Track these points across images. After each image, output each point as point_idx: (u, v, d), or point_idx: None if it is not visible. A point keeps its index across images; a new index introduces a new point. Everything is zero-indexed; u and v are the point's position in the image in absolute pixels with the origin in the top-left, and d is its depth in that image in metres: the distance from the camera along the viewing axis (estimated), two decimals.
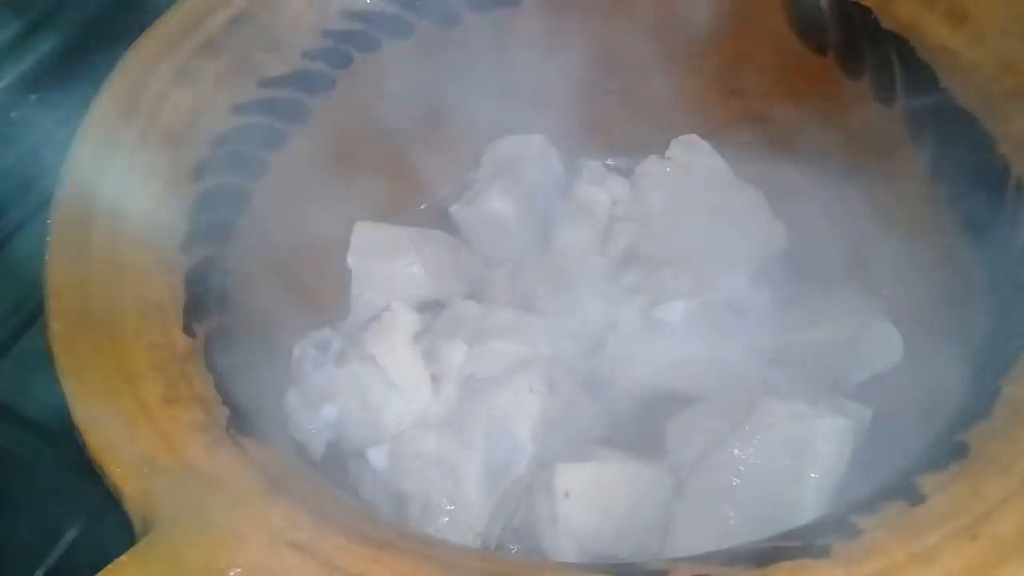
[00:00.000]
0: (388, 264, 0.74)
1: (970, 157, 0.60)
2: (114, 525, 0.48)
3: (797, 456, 0.58)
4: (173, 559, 0.40)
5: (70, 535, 0.63)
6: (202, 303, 0.55)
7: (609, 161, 0.81)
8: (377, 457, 0.61)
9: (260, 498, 0.45)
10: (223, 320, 0.57)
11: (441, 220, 0.79)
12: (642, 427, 0.69)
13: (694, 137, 0.77)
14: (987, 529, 0.42)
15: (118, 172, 0.57)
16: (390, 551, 0.43)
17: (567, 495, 0.58)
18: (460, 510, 0.60)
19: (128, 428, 0.47)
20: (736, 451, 0.58)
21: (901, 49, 0.64)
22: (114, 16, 0.92)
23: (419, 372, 0.65)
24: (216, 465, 0.46)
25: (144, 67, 0.61)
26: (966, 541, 0.42)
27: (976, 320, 0.57)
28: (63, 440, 0.66)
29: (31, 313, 0.77)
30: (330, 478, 0.62)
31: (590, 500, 0.59)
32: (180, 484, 0.44)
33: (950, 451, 0.46)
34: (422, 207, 0.80)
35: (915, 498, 0.44)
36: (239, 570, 0.41)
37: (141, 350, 0.50)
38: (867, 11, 0.65)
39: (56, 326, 0.50)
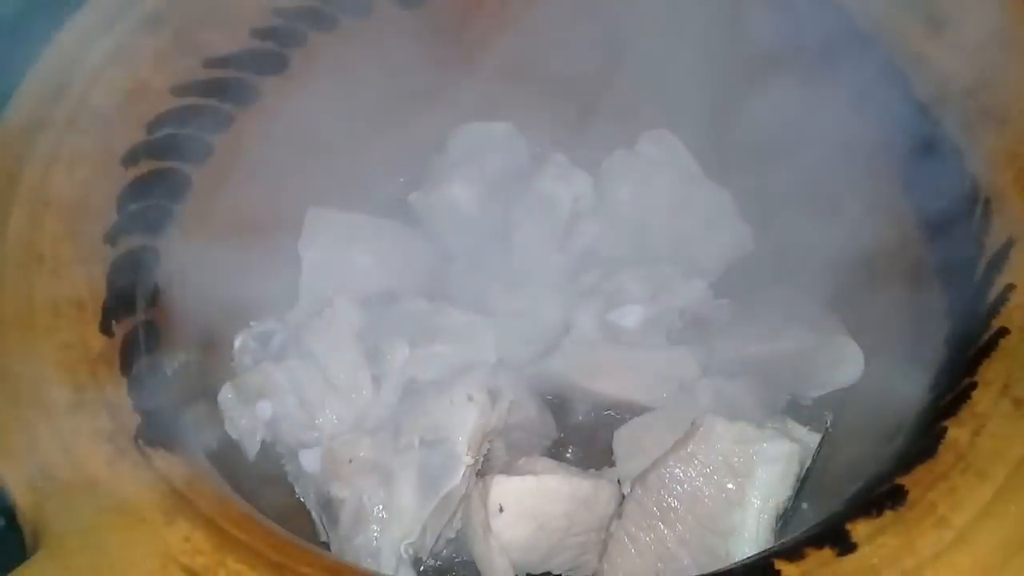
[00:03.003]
0: (340, 253, 0.71)
1: (939, 172, 0.57)
2: None
3: (740, 479, 0.55)
4: None
5: None
6: (125, 298, 0.53)
7: (576, 152, 0.78)
8: (310, 460, 0.59)
9: (158, 517, 0.43)
10: (150, 315, 0.55)
11: (399, 208, 0.76)
12: (592, 435, 0.67)
13: (664, 132, 0.74)
14: None
15: (43, 157, 0.54)
16: None
17: (501, 509, 0.56)
18: (393, 518, 0.58)
19: (28, 436, 0.45)
20: (677, 471, 0.56)
21: (876, 54, 0.61)
22: None
23: (360, 372, 0.63)
24: (117, 479, 0.44)
25: (79, 44, 0.59)
26: None
27: (935, 345, 0.55)
28: None
29: None
30: (263, 478, 0.61)
31: (525, 514, 0.57)
32: (75, 500, 0.43)
33: (887, 495, 0.44)
34: (379, 194, 0.77)
35: (845, 546, 0.42)
36: None
37: (51, 350, 0.48)
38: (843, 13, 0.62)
39: None
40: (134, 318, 0.53)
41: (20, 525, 0.43)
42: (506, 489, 0.57)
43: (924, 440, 0.46)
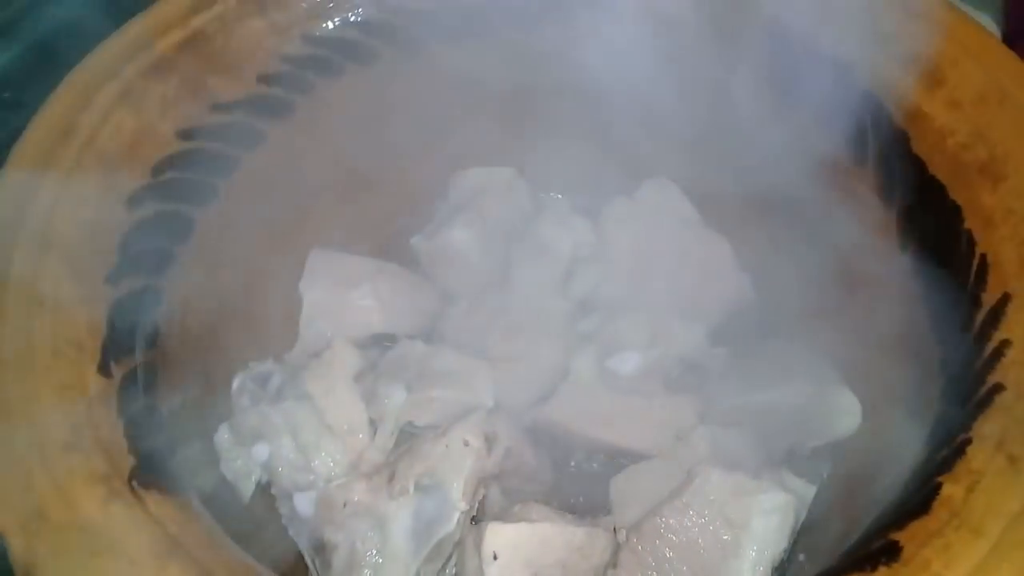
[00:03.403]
0: (340, 294, 0.72)
1: (936, 227, 0.57)
2: None
3: (736, 531, 0.55)
4: None
5: None
6: (124, 339, 0.53)
7: (577, 198, 0.79)
8: (303, 504, 0.59)
9: (151, 562, 0.43)
10: (149, 357, 0.55)
11: (401, 251, 0.76)
12: (588, 482, 0.67)
13: (664, 180, 0.75)
14: None
15: (48, 198, 0.55)
16: None
17: (495, 556, 0.56)
18: (387, 564, 0.57)
19: (22, 475, 0.45)
20: (672, 521, 0.56)
21: (876, 110, 0.61)
22: (85, 22, 0.90)
23: (357, 415, 0.63)
24: (110, 521, 0.44)
25: (86, 88, 0.59)
26: None
27: (932, 400, 0.55)
28: None
29: None
30: (258, 519, 0.61)
31: (519, 562, 0.56)
32: (68, 542, 0.43)
33: (881, 551, 0.44)
34: (380, 237, 0.77)
35: None
36: None
37: (49, 391, 0.49)
38: (845, 67, 0.63)
39: None
40: (133, 359, 0.53)
41: (12, 567, 0.43)
42: (500, 536, 0.56)
43: (919, 495, 0.46)
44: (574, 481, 0.67)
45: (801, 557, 0.60)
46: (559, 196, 0.78)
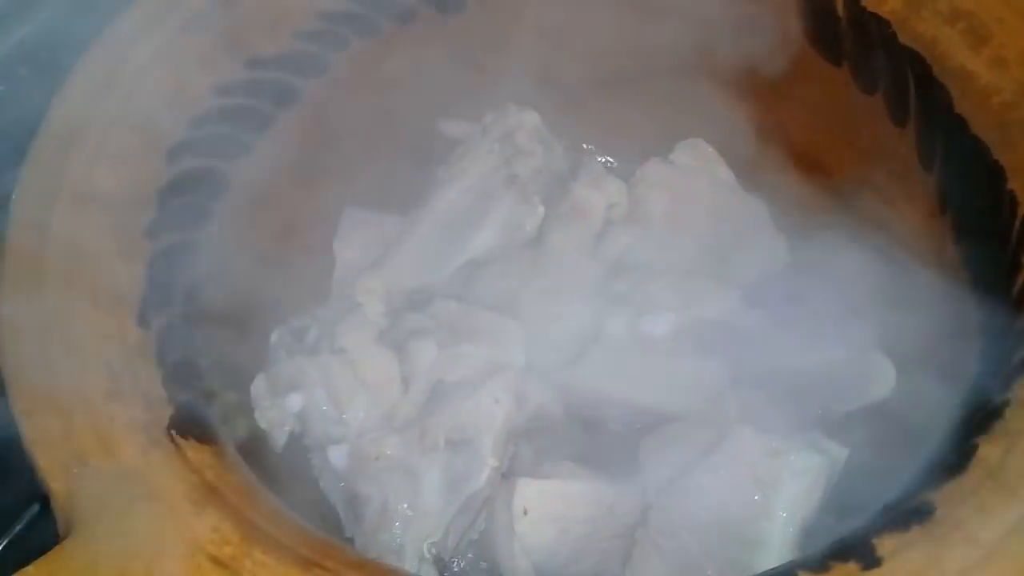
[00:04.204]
0: (374, 251, 0.72)
1: (978, 190, 0.57)
2: None
3: (766, 492, 0.55)
4: (82, 569, 0.39)
5: (32, 510, 0.62)
6: (163, 292, 0.54)
7: (610, 159, 0.78)
8: (337, 456, 0.60)
9: (188, 507, 0.43)
10: (187, 309, 0.56)
11: None
12: (619, 442, 0.67)
13: (700, 142, 0.74)
14: None
15: (86, 153, 0.56)
16: (315, 572, 0.42)
17: (525, 512, 0.56)
18: (417, 517, 0.58)
19: (64, 422, 0.46)
20: (703, 480, 0.56)
21: (918, 67, 0.60)
22: None
23: (389, 370, 0.63)
24: (149, 468, 0.45)
25: (123, 44, 0.60)
26: None
27: (968, 361, 0.54)
28: None
29: None
30: (291, 469, 0.62)
31: (549, 518, 0.57)
32: (108, 486, 0.43)
33: (915, 510, 0.44)
34: (416, 192, 0.77)
35: (870, 560, 0.42)
36: None
37: (90, 341, 0.49)
38: (886, 24, 0.62)
39: (6, 310, 0.50)
40: (171, 311, 0.54)
41: (54, 510, 0.44)
42: (530, 492, 0.57)
43: (954, 456, 0.46)
44: (605, 441, 0.67)
45: (831, 519, 0.60)
46: (593, 157, 0.78)
